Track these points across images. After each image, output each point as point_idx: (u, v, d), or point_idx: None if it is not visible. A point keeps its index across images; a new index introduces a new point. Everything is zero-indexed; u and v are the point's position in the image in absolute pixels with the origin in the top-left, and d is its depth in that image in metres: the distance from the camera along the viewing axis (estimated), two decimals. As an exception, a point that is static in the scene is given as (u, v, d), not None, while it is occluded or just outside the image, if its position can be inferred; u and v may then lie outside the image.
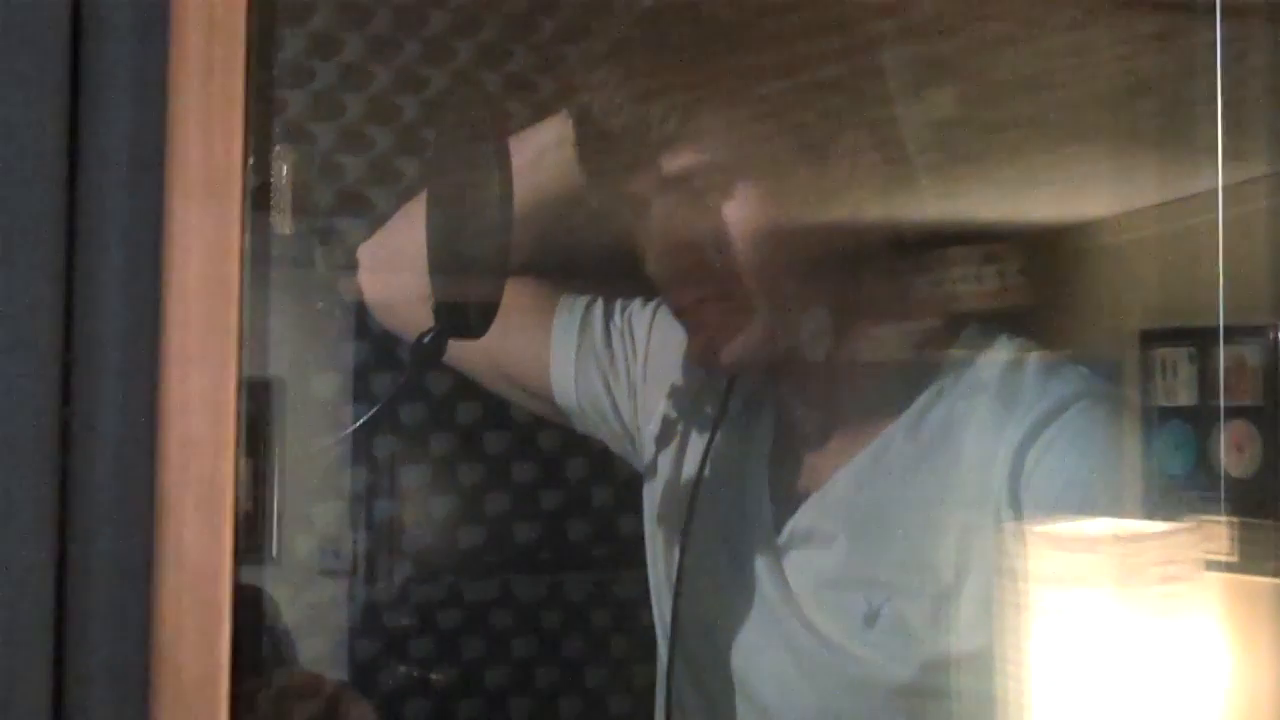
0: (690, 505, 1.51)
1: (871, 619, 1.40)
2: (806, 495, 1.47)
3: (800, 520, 1.46)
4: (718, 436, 1.51)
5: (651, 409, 1.60)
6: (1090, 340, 1.88)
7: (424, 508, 2.02)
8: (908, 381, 1.47)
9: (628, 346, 1.62)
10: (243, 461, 0.83)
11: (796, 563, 1.46)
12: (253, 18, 0.78)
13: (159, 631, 0.80)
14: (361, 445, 1.96)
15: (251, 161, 0.80)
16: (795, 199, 1.42)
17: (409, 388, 1.81)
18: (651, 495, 1.59)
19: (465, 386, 1.74)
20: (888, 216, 1.48)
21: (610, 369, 1.60)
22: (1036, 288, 1.90)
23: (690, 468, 1.53)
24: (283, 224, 1.32)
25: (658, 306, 1.63)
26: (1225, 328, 1.46)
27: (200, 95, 0.78)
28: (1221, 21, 1.08)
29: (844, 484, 1.45)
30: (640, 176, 1.41)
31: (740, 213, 1.39)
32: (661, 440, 1.58)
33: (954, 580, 1.38)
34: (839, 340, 1.47)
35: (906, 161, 1.43)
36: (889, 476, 1.44)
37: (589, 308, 1.64)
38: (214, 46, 0.78)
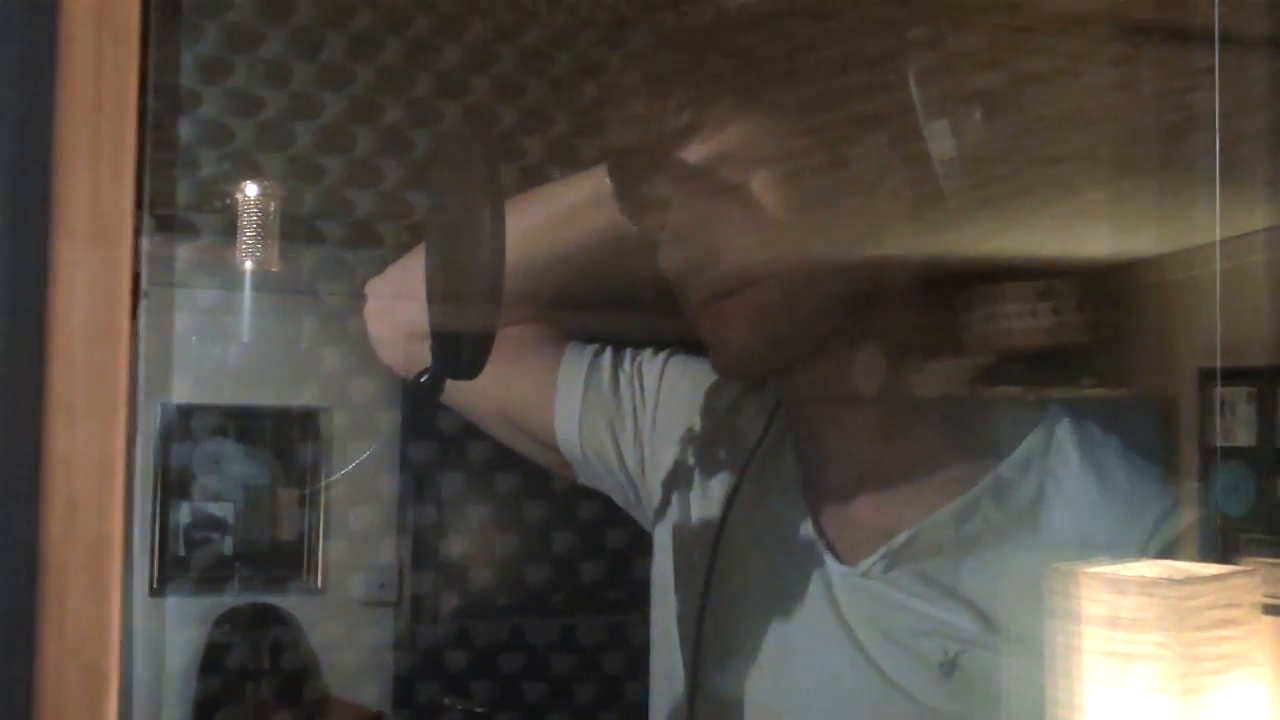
0: (715, 547, 1.48)
1: (950, 667, 1.36)
2: (879, 541, 1.42)
3: (871, 566, 1.41)
4: (747, 475, 1.49)
5: (660, 457, 1.57)
6: (1146, 378, 1.86)
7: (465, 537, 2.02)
8: (985, 444, 1.43)
9: (636, 394, 1.60)
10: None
11: (861, 607, 1.41)
12: (146, 50, 0.76)
13: (42, 701, 0.77)
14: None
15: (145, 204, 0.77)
16: (817, 200, 1.39)
17: (408, 423, 1.80)
18: (664, 540, 1.56)
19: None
20: (924, 246, 1.46)
21: (617, 415, 1.58)
22: (1093, 325, 1.88)
23: (712, 509, 1.50)
24: (271, 260, 1.32)
25: (670, 356, 1.61)
26: (1287, 367, 1.44)
27: (89, 132, 0.75)
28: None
29: (925, 539, 1.40)
30: (663, 176, 1.40)
31: (762, 203, 1.36)
32: (672, 484, 1.55)
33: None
34: (888, 375, 1.45)
35: (938, 191, 1.40)
36: (972, 540, 1.39)
37: (598, 354, 1.62)
38: (102, 83, 0.75)
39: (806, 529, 1.46)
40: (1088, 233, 1.80)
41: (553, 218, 1.52)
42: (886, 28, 1.41)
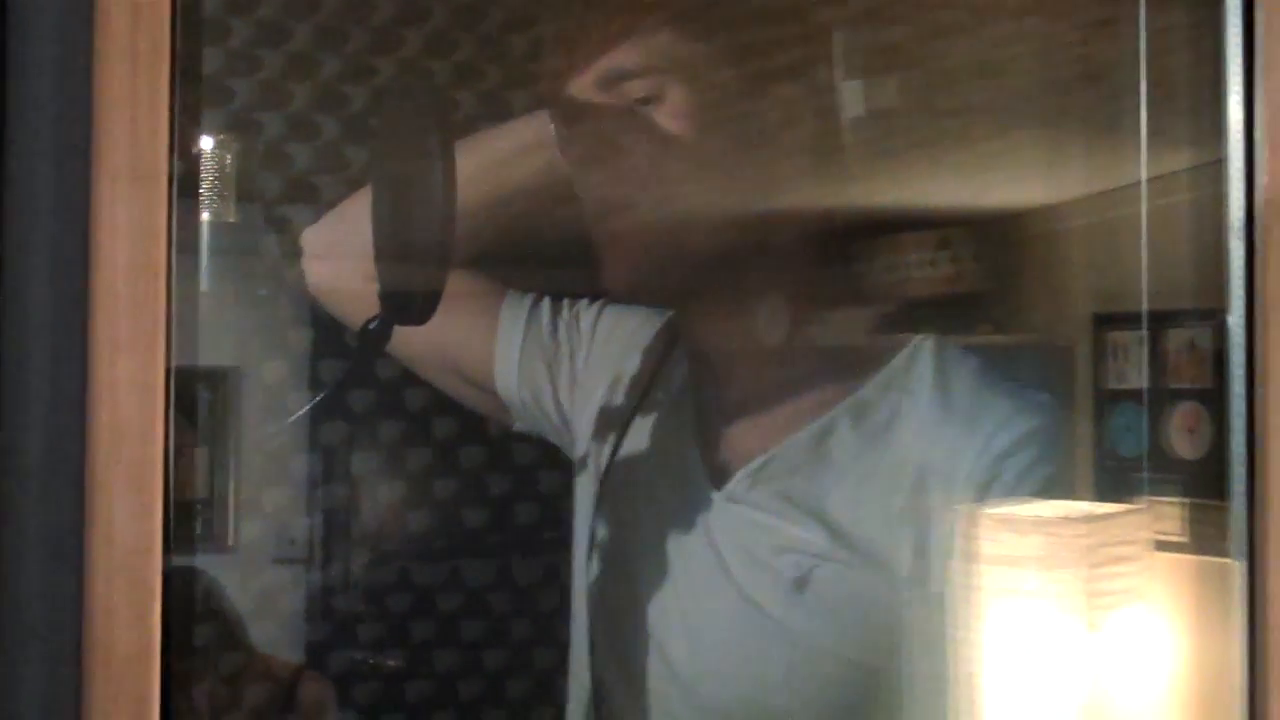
0: (610, 471, 1.54)
1: (801, 584, 1.41)
2: (742, 464, 1.48)
3: (735, 489, 1.47)
4: (646, 409, 1.53)
5: (591, 399, 1.61)
6: (1043, 325, 1.90)
7: (375, 494, 2.03)
8: (853, 367, 1.48)
9: (574, 338, 1.63)
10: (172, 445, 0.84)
11: (727, 528, 1.47)
12: (177, 3, 0.79)
13: (91, 610, 0.81)
14: (312, 432, 1.96)
15: (179, 148, 0.81)
16: (722, 132, 1.43)
17: (356, 373, 1.80)
18: (583, 478, 1.61)
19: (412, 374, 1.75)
20: (824, 194, 1.49)
21: (554, 359, 1.62)
22: (991, 274, 1.91)
23: (618, 442, 1.55)
24: (229, 212, 1.33)
25: (604, 305, 1.65)
26: (1176, 312, 1.47)
27: (126, 81, 0.78)
28: (1149, 10, 1.10)
29: (783, 459, 1.46)
30: (585, 86, 1.43)
31: (670, 123, 1.40)
32: (597, 425, 1.60)
33: (902, 562, 1.39)
34: (786, 321, 1.49)
35: (840, 145, 1.44)
36: (828, 459, 1.45)
37: (537, 302, 1.65)
38: (139, 33, 0.78)
39: (694, 461, 1.51)
40: (985, 183, 1.83)
41: (492, 162, 1.55)
42: None
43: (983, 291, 1.92)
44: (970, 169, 1.81)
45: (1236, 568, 1.05)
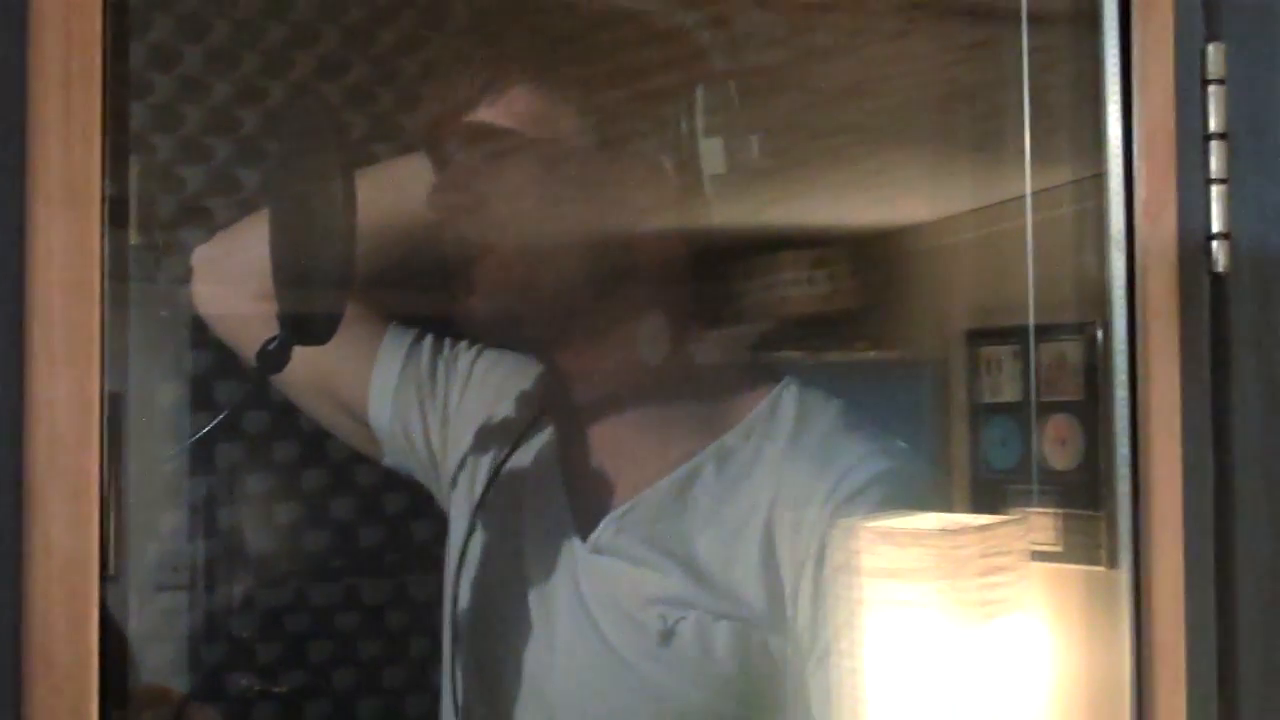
0: (477, 515, 1.54)
1: (666, 637, 1.42)
2: (606, 511, 1.48)
3: (601, 536, 1.47)
4: (515, 457, 1.54)
5: (460, 441, 1.61)
6: (918, 340, 1.93)
7: (265, 518, 2.01)
8: (718, 414, 1.49)
9: (450, 378, 1.64)
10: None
11: (594, 579, 1.47)
12: (107, 26, 0.80)
13: (30, 623, 0.81)
14: (202, 457, 1.94)
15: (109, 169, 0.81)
16: (583, 179, 1.45)
17: (253, 396, 1.80)
18: (453, 519, 1.61)
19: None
20: (694, 221, 1.51)
21: (429, 396, 1.62)
22: (867, 291, 1.95)
23: (486, 488, 1.56)
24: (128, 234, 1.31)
25: (483, 349, 1.66)
26: (1049, 326, 1.51)
27: (59, 102, 0.79)
28: (1029, 31, 1.13)
29: (646, 506, 1.46)
30: (453, 136, 1.45)
31: (532, 171, 1.43)
32: (465, 468, 1.60)
33: (766, 610, 1.41)
34: (662, 345, 1.51)
35: (704, 200, 1.46)
36: (692, 505, 1.45)
37: (419, 338, 1.66)
38: (71, 55, 0.79)
39: (562, 510, 1.51)
40: (860, 202, 1.86)
41: (378, 192, 1.55)
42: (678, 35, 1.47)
43: (859, 309, 1.95)
44: (848, 188, 1.84)
45: (1112, 576, 1.08)
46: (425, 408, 1.62)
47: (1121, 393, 0.98)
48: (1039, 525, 1.43)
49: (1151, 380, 0.97)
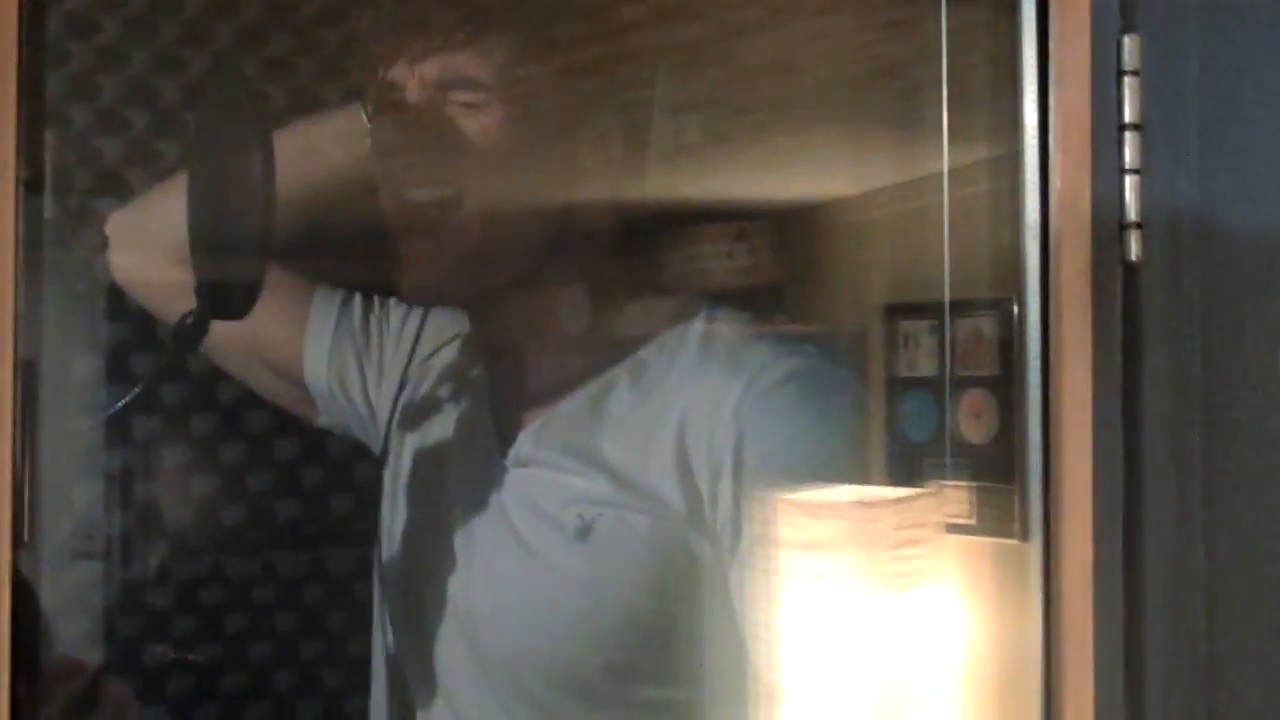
0: (412, 460, 1.59)
1: (584, 533, 1.45)
2: (525, 426, 1.53)
3: (520, 449, 1.52)
4: (447, 401, 1.57)
5: (395, 390, 1.66)
6: (838, 314, 1.94)
7: (183, 489, 2.01)
8: (634, 338, 1.55)
9: (384, 333, 1.66)
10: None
11: (513, 488, 1.51)
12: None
13: None
14: (119, 428, 1.93)
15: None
16: (527, 139, 1.47)
17: (170, 369, 1.79)
18: (386, 469, 1.65)
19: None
20: (624, 190, 1.53)
21: (364, 350, 1.64)
22: (787, 265, 1.95)
23: (420, 431, 1.60)
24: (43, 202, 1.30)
25: (412, 305, 1.69)
26: (965, 301, 1.52)
27: None
28: (948, 9, 1.14)
29: (563, 418, 1.51)
30: (410, 81, 1.46)
31: (482, 136, 1.43)
32: (400, 416, 1.65)
33: (684, 511, 1.43)
34: (585, 313, 1.53)
35: (644, 141, 1.48)
36: (607, 414, 1.50)
37: (348, 298, 1.68)
38: None
39: (489, 441, 1.56)
40: (782, 177, 1.87)
41: (304, 152, 1.56)
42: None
43: (779, 282, 1.96)
44: (770, 163, 1.85)
45: (1024, 549, 1.09)
46: (363, 362, 1.65)
47: (1034, 378, 1.00)
48: (953, 498, 1.45)
49: (1064, 366, 0.99)
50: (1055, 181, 0.99)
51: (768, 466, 1.40)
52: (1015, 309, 1.08)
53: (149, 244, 1.59)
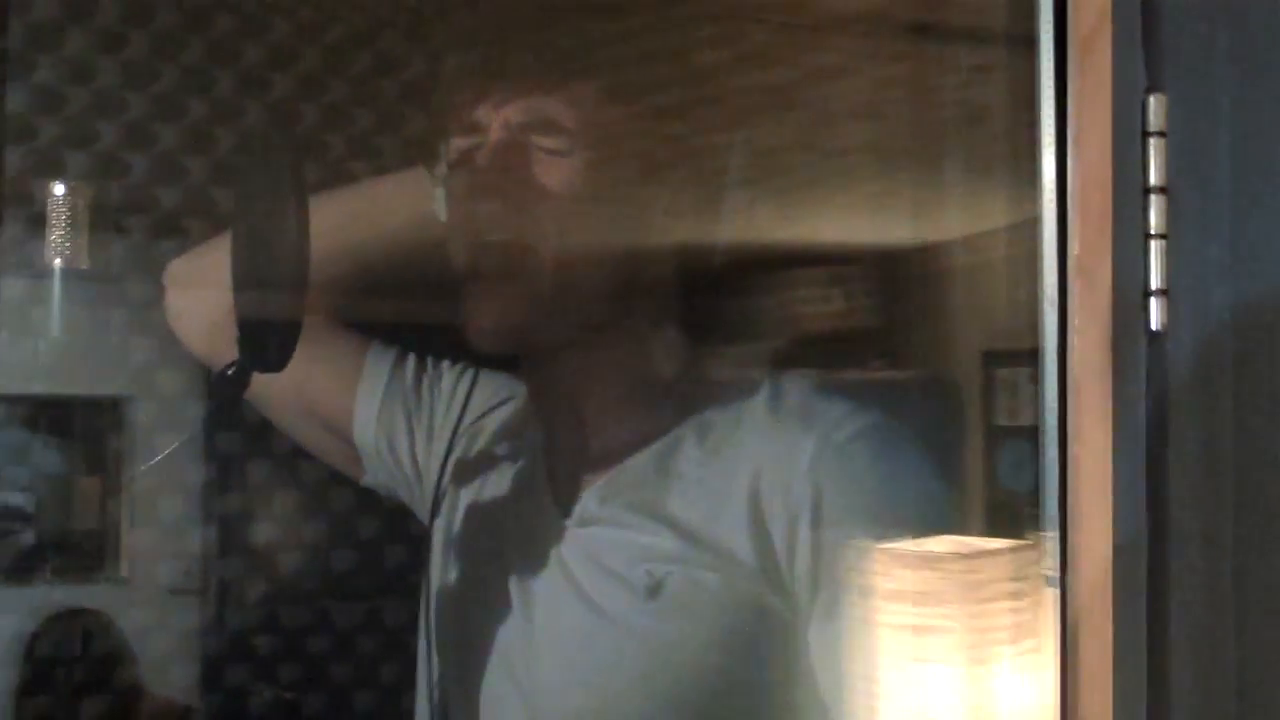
0: (462, 518, 1.57)
1: (654, 591, 1.42)
2: (589, 484, 1.50)
3: (584, 507, 1.49)
4: (500, 461, 1.55)
5: (447, 448, 1.63)
6: (935, 361, 1.91)
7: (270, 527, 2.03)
8: (696, 396, 1.51)
9: (435, 394, 1.65)
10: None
11: (576, 546, 1.49)
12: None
13: None
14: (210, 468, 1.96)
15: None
16: (605, 187, 1.45)
17: (218, 417, 1.81)
18: (435, 527, 1.62)
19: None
20: (715, 235, 1.51)
21: (415, 410, 1.64)
22: (882, 310, 1.92)
23: (472, 491, 1.58)
24: (80, 259, 1.34)
25: (466, 367, 1.68)
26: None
27: None
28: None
29: (628, 476, 1.48)
30: (493, 123, 1.45)
31: (562, 182, 1.42)
32: (450, 476, 1.62)
33: (757, 567, 1.40)
34: (671, 361, 1.51)
35: (723, 187, 1.46)
36: (673, 472, 1.46)
37: (402, 355, 1.68)
38: None
39: (546, 501, 1.53)
40: (876, 222, 1.84)
41: (366, 210, 1.56)
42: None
43: (875, 328, 1.93)
44: (862, 209, 1.83)
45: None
46: (412, 423, 1.64)
47: (1053, 452, 0.96)
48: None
49: (1082, 441, 0.94)
50: (1073, 246, 0.94)
51: (850, 519, 1.37)
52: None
53: (199, 294, 1.62)
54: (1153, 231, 0.95)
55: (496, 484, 1.57)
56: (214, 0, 1.86)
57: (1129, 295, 0.94)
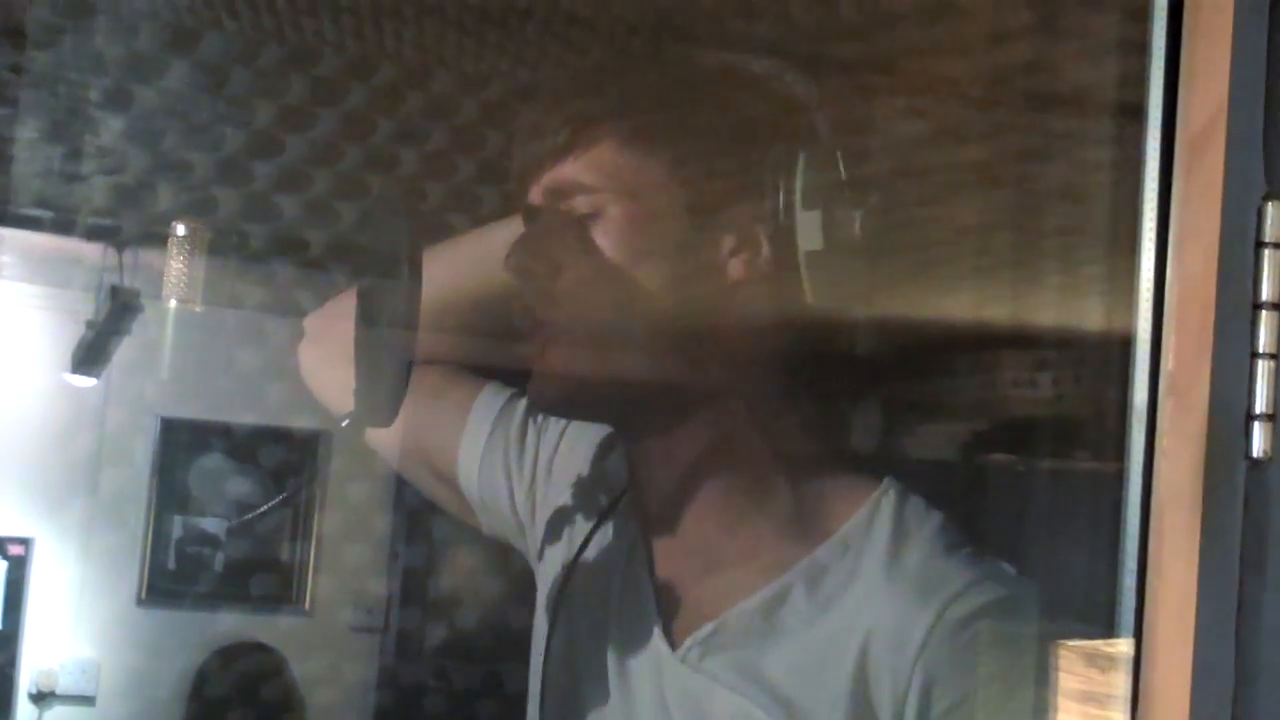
0: (566, 587, 1.49)
1: None
2: (692, 628, 1.41)
3: (687, 655, 1.40)
4: (599, 533, 1.49)
5: (548, 508, 1.57)
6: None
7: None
8: (810, 522, 1.41)
9: (540, 442, 1.59)
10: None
11: (680, 690, 1.40)
12: None
13: None
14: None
15: None
16: (663, 253, 1.39)
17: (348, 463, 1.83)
18: (541, 590, 1.57)
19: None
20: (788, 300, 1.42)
21: (518, 459, 1.58)
22: (1091, 397, 1.84)
23: (574, 557, 1.50)
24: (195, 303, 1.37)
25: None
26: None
27: None
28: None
29: (733, 629, 1.39)
30: (537, 194, 1.41)
31: (608, 239, 1.36)
32: (552, 535, 1.55)
33: None
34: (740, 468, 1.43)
35: (798, 279, 1.36)
36: (780, 628, 1.37)
37: (513, 398, 1.62)
38: None
39: (647, 603, 1.45)
40: (1082, 305, 1.76)
41: (477, 256, 1.55)
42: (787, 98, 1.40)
43: (1084, 417, 1.85)
44: (1068, 291, 1.75)
45: None
46: (511, 471, 1.59)
47: (1129, 580, 0.89)
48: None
49: (1162, 572, 0.87)
50: (1167, 364, 0.88)
51: (960, 709, 1.29)
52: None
53: (323, 347, 1.63)
54: (1261, 351, 0.87)
55: (596, 569, 1.50)
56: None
57: (1228, 418, 0.87)
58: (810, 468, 1.43)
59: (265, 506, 3.04)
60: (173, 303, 2.43)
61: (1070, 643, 1.07)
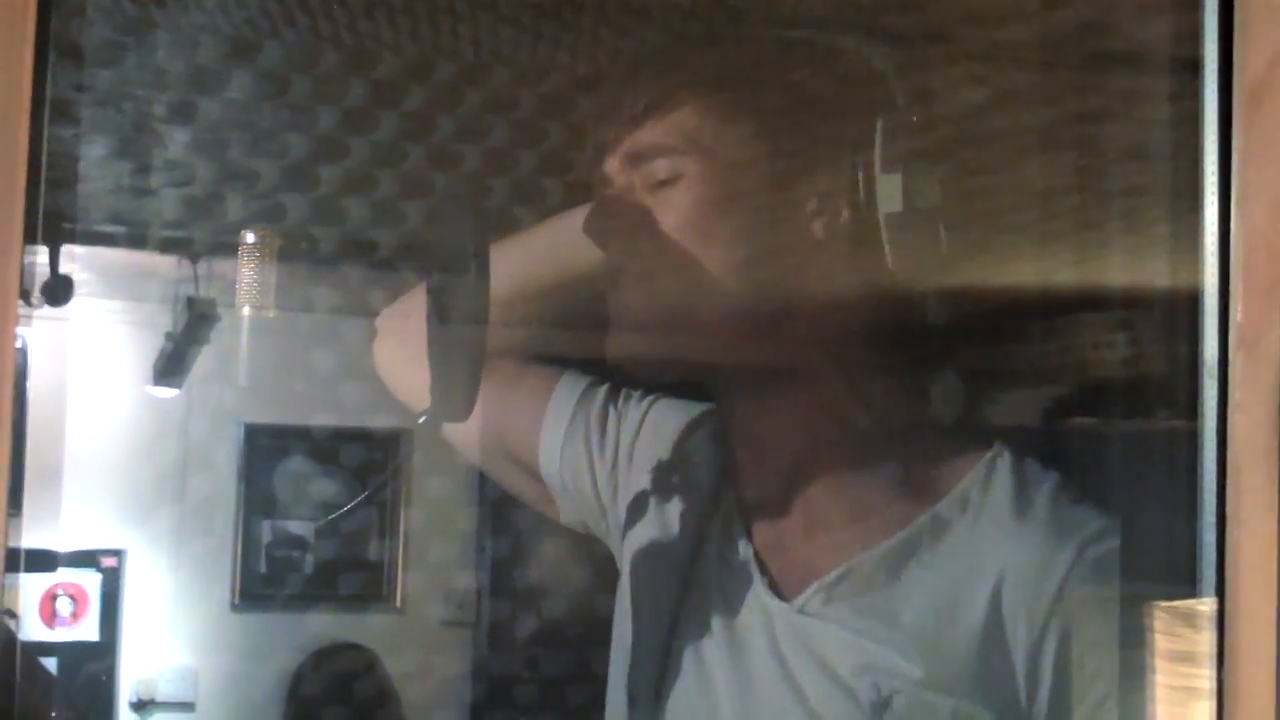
0: (686, 575, 1.49)
1: (880, 709, 1.34)
2: (813, 577, 1.41)
3: (807, 602, 1.40)
4: (687, 504, 1.49)
5: (633, 488, 1.57)
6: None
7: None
8: (926, 481, 1.41)
9: (621, 426, 1.60)
10: None
11: (797, 641, 1.40)
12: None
13: None
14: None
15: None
16: (739, 215, 1.39)
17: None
18: (624, 571, 1.57)
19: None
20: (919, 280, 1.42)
21: (600, 444, 1.59)
22: (1172, 357, 1.82)
23: (671, 539, 1.51)
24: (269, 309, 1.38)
25: (656, 398, 1.62)
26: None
27: None
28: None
29: (860, 574, 1.39)
30: (614, 165, 1.41)
31: (686, 200, 1.37)
32: (635, 510, 1.56)
33: (992, 690, 1.32)
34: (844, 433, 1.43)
35: (878, 241, 1.36)
36: (908, 577, 1.37)
37: (592, 385, 1.63)
38: None
39: (748, 561, 1.45)
40: (1152, 263, 1.74)
41: (552, 246, 1.56)
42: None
43: (1165, 376, 1.83)
44: (1145, 251, 1.73)
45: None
46: (593, 455, 1.60)
47: (1209, 536, 0.88)
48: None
49: (1241, 524, 0.86)
50: (1236, 315, 0.87)
51: (1100, 645, 1.29)
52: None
53: (398, 342, 1.64)
54: (1329, 298, 0.86)
55: (686, 523, 1.51)
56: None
57: (1300, 368, 0.86)
58: (913, 432, 1.45)
59: (350, 505, 3.08)
60: (246, 310, 2.46)
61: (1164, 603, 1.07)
